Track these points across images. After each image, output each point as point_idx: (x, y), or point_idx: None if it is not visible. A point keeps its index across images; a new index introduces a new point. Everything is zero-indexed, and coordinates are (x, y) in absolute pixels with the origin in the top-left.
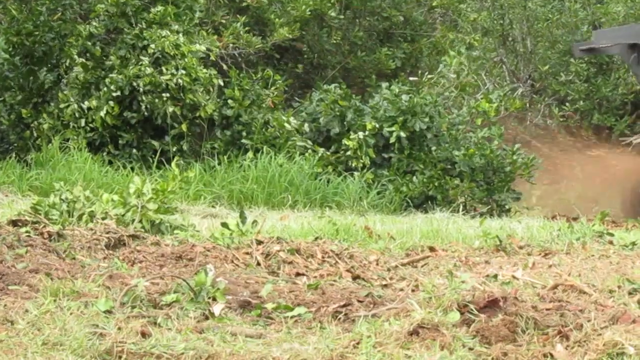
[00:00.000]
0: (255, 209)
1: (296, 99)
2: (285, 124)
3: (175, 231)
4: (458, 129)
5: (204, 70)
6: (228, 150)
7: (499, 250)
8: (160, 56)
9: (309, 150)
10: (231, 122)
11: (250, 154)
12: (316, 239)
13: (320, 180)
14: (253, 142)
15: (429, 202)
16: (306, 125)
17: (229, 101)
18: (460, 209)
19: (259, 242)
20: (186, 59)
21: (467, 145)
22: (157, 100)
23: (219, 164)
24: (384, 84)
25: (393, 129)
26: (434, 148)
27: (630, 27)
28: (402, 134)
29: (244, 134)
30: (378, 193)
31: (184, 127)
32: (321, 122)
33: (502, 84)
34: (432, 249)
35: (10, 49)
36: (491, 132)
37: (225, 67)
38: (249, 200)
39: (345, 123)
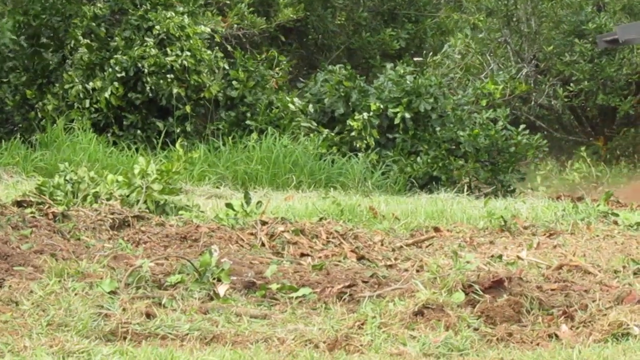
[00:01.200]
0: (259, 190)
1: (300, 79)
2: (290, 105)
3: (180, 212)
4: (463, 110)
5: (209, 52)
6: (232, 131)
7: (503, 230)
8: (165, 37)
9: (314, 131)
10: (236, 103)
11: (254, 135)
12: (321, 219)
13: (325, 160)
14: (257, 123)
15: (434, 183)
16: (310, 106)
17: (234, 82)
18: (465, 190)
19: (264, 223)
20: (191, 40)
21: (472, 126)
22: (161, 81)
23: (224, 144)
24: (389, 65)
25: (397, 109)
26: (438, 129)
27: None
28: (407, 115)
29: (248, 114)
30: (382, 174)
31: (188, 108)
32: (326, 103)
33: (506, 64)
34: (436, 229)
35: (17, 30)
36: (496, 113)
37: (229, 48)
38: (254, 180)
39: (349, 104)
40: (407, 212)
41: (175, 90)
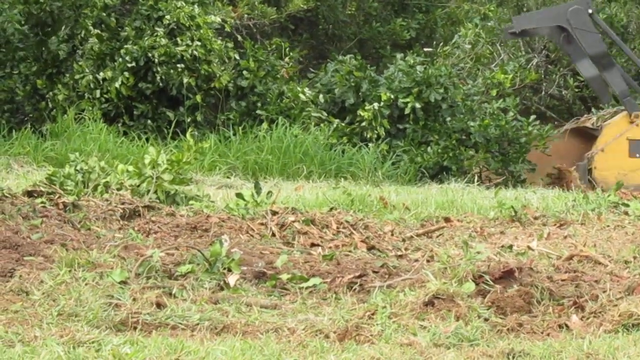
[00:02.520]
0: (270, 180)
1: (311, 69)
2: (300, 95)
3: (190, 202)
4: (473, 100)
5: (219, 42)
6: (243, 121)
7: (514, 220)
8: (175, 27)
9: (324, 121)
10: (246, 93)
11: (265, 125)
12: (331, 209)
13: (335, 151)
14: (268, 112)
15: (444, 173)
16: (321, 96)
17: (244, 72)
18: (475, 180)
19: (274, 213)
20: (201, 30)
21: (482, 116)
22: (172, 71)
23: (234, 134)
24: (399, 55)
25: (408, 99)
26: (448, 119)
27: (550, 10)
28: (417, 105)
29: (259, 104)
30: (393, 164)
31: (198, 98)
32: (336, 93)
33: (517, 54)
34: (447, 219)
35: (26, 20)
36: (506, 103)
37: (240, 38)
38: (264, 170)
39: (360, 94)
40: (417, 202)
41: (185, 80)
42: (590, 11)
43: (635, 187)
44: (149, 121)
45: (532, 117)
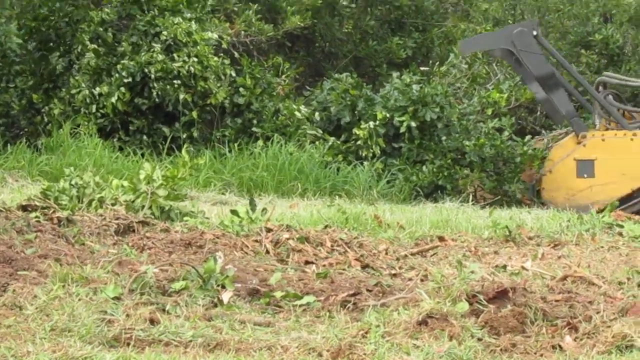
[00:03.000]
0: (265, 197)
1: (307, 87)
2: (296, 113)
3: (185, 218)
4: (469, 119)
5: (216, 58)
6: (239, 138)
7: (508, 240)
8: (172, 43)
9: (320, 139)
10: (242, 109)
11: (260, 142)
12: (325, 227)
13: (330, 168)
14: (264, 130)
15: (439, 192)
16: (317, 114)
17: (240, 89)
18: (470, 199)
19: (269, 230)
20: (198, 47)
21: (478, 135)
22: (168, 87)
23: (230, 151)
24: (395, 74)
25: (403, 118)
26: (444, 138)
27: (496, 33)
28: (413, 124)
29: (254, 121)
30: (388, 182)
31: (194, 114)
32: (332, 111)
33: (513, 74)
34: (441, 238)
35: (24, 34)
36: (502, 122)
37: (236, 54)
38: (259, 187)
39: (356, 112)
40: (412, 221)
41: (181, 96)
42: (535, 33)
43: (583, 207)
44: (145, 137)
45: (528, 136)
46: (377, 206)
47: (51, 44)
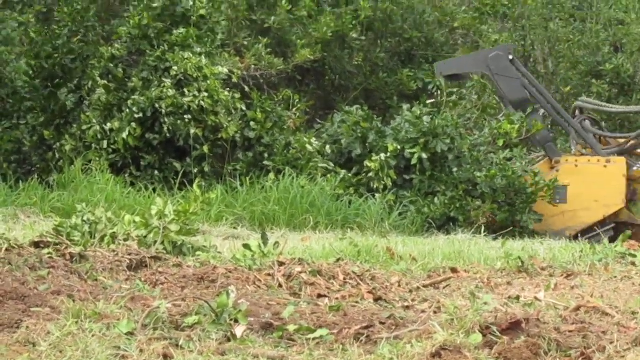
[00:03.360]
0: (277, 231)
1: (318, 120)
2: (307, 146)
3: (197, 253)
4: (479, 150)
5: (226, 93)
6: (250, 172)
7: (521, 271)
8: (182, 78)
9: (331, 172)
10: (253, 143)
11: (272, 176)
12: (338, 260)
13: (342, 201)
14: (275, 163)
15: (451, 224)
16: (328, 146)
17: (251, 123)
18: (482, 230)
19: (281, 264)
20: (208, 81)
21: (489, 166)
22: (179, 122)
23: (241, 185)
24: (406, 106)
25: (415, 150)
26: (455, 169)
27: (471, 56)
28: (424, 156)
29: (266, 155)
30: (400, 214)
31: (205, 148)
32: (343, 144)
33: None
34: (454, 270)
35: (31, 72)
36: (513, 153)
37: (247, 88)
38: (271, 221)
39: (367, 144)
40: (424, 253)
41: (192, 131)
42: (511, 57)
43: (556, 232)
44: (156, 172)
45: (538, 169)
46: (389, 238)
47: (58, 80)
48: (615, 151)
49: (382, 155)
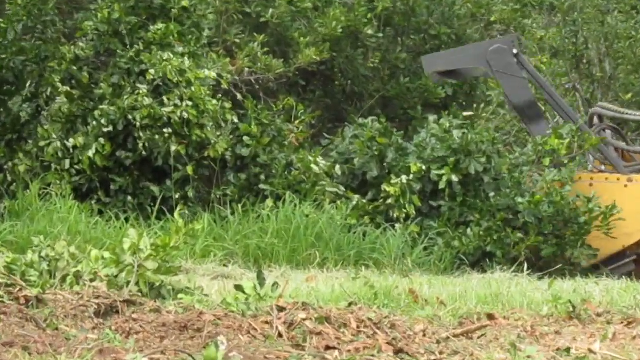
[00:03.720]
0: (276, 269)
1: (325, 135)
2: (313, 166)
3: (180, 295)
4: (522, 171)
5: (214, 101)
6: (243, 198)
7: (572, 318)
8: (161, 84)
9: (341, 198)
10: (247, 163)
11: (270, 202)
12: (350, 304)
13: (355, 233)
14: (273, 187)
15: (487, 260)
16: (337, 167)
17: (245, 138)
18: (525, 268)
19: (281, 309)
20: (192, 87)
21: (533, 190)
22: (157, 136)
23: (232, 214)
24: (432, 117)
25: (443, 171)
26: (492, 194)
27: (468, 49)
28: (454, 178)
29: (262, 177)
30: (425, 249)
31: (189, 169)
32: (356, 164)
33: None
34: (490, 316)
35: None
36: (562, 174)
37: (239, 96)
38: (269, 257)
39: (385, 165)
40: (454, 295)
41: (173, 148)
42: (515, 51)
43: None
44: (129, 197)
45: (593, 192)
46: (412, 278)
47: (9, 87)
48: (638, 169)
49: (404, 178)
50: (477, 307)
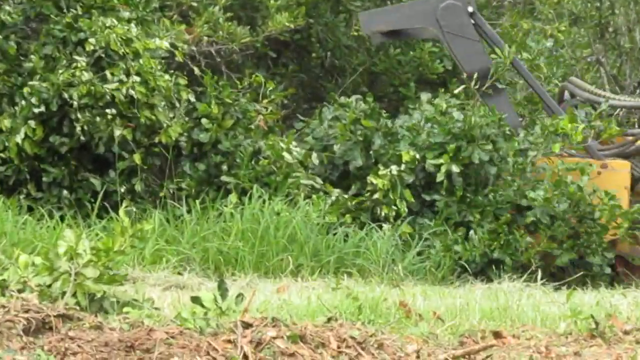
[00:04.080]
0: (240, 277)
1: (299, 117)
2: (285, 154)
3: (125, 309)
4: (526, 156)
5: (167, 77)
6: (201, 192)
7: (594, 336)
8: (103, 55)
9: (319, 192)
10: (206, 150)
11: (233, 197)
12: (329, 320)
13: (336, 235)
14: (238, 180)
15: (493, 267)
16: (314, 155)
17: (203, 121)
18: (539, 277)
19: (247, 325)
20: (141, 60)
21: (541, 182)
22: (98, 119)
23: (189, 211)
24: (425, 96)
25: (441, 160)
26: (500, 191)
27: (414, 5)
28: (455, 169)
29: (224, 168)
30: (419, 254)
31: (137, 157)
32: (336, 152)
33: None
34: (497, 334)
35: None
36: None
37: (197, 70)
38: (232, 264)
39: (371, 153)
40: (454, 309)
41: (117, 132)
42: (470, 9)
43: None
44: (65, 191)
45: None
46: (403, 288)
47: None
48: (616, 153)
49: (394, 168)
50: (481, 323)
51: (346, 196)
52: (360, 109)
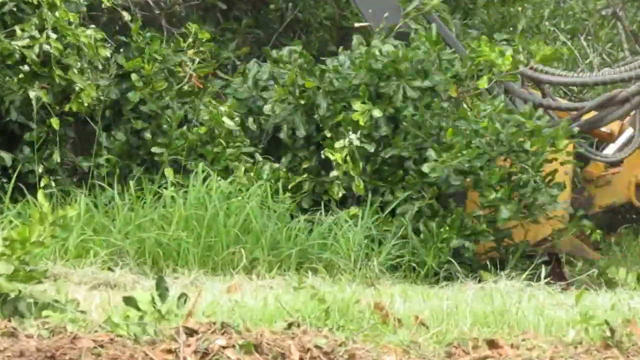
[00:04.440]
0: (184, 274)
1: (219, 73)
2: (225, 119)
3: (45, 312)
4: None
5: (88, 32)
6: (127, 169)
7: (609, 346)
8: (14, 9)
9: (261, 165)
10: (124, 115)
11: (170, 174)
12: (290, 326)
13: (298, 222)
14: (169, 150)
15: (487, 262)
16: (250, 120)
17: (133, 76)
18: (542, 274)
19: (191, 332)
20: (57, 12)
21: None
22: (7, 80)
23: (120, 194)
24: (357, 37)
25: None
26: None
27: None
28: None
29: (146, 135)
30: (394, 245)
31: (54, 122)
32: (269, 115)
33: (615, 55)
34: (492, 343)
35: None
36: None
37: (127, 16)
38: (173, 257)
39: (316, 117)
40: (441, 313)
41: (32, 95)
42: None
43: None
44: None
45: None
46: (379, 288)
47: None
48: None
49: (353, 137)
50: (472, 330)
51: (299, 177)
52: (297, 65)
